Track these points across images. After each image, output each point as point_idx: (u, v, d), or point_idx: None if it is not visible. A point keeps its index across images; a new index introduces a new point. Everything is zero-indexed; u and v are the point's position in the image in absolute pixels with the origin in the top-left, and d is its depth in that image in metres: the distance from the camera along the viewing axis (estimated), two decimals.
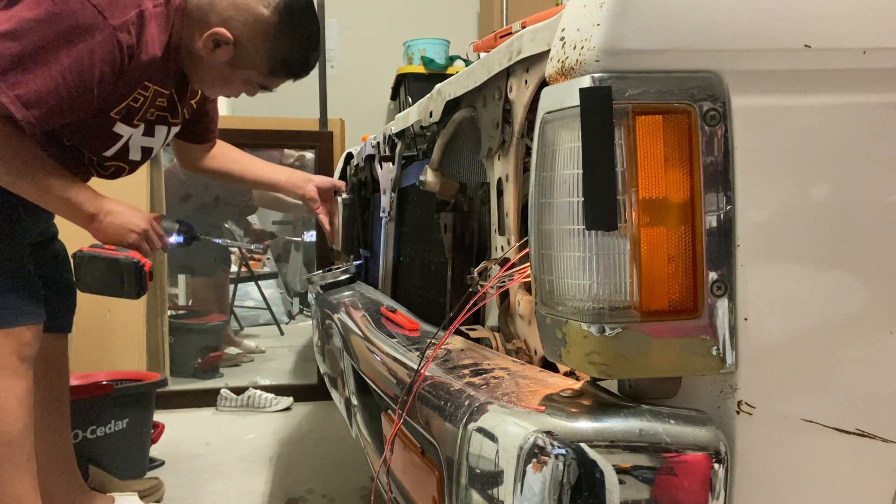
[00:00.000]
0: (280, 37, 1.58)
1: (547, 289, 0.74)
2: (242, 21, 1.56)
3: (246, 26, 1.57)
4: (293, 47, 1.61)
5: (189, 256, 4.01)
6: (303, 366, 3.93)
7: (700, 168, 0.68)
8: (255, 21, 1.56)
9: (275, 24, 1.57)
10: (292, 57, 1.63)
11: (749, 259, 0.70)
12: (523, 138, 0.99)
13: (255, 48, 1.59)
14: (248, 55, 1.60)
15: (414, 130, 1.44)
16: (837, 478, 0.75)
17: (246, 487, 2.34)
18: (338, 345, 1.65)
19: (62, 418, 1.98)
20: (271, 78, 1.66)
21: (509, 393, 0.77)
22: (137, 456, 2.38)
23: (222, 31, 1.56)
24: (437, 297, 1.41)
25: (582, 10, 0.70)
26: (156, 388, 2.47)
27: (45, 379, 1.91)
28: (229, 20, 1.56)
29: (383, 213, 1.83)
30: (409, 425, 0.96)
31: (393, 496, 1.11)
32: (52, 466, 1.94)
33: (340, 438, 2.75)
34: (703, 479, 0.68)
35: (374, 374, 1.21)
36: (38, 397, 1.90)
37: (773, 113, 0.71)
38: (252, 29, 1.57)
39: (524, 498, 0.67)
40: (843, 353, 0.73)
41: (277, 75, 1.66)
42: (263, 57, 1.60)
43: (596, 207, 0.66)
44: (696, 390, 0.72)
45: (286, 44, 1.60)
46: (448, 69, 3.85)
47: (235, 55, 1.59)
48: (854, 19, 0.71)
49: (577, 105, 0.67)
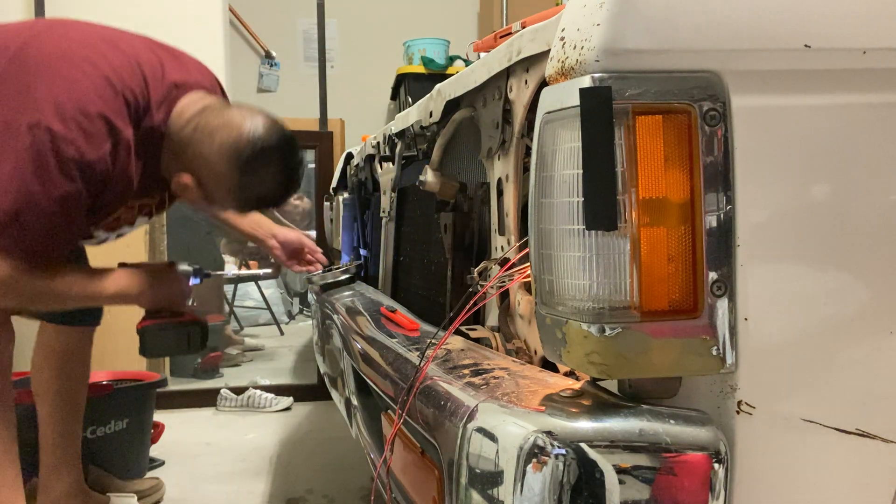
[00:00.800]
0: (244, 187, 1.53)
1: (547, 289, 0.74)
2: (206, 173, 1.53)
3: (210, 178, 1.54)
4: (261, 192, 1.56)
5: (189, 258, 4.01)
6: (303, 366, 3.93)
7: (700, 168, 0.68)
8: (218, 176, 1.52)
9: (237, 178, 1.51)
10: (262, 198, 1.59)
11: (749, 259, 0.70)
12: (523, 138, 0.99)
13: (222, 196, 1.56)
14: (218, 199, 1.58)
15: (414, 130, 1.44)
16: (837, 478, 0.75)
17: (246, 487, 2.33)
18: (338, 345, 1.65)
19: (72, 416, 1.98)
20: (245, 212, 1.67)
21: (509, 393, 0.77)
22: (137, 456, 2.38)
23: (188, 182, 1.54)
24: (437, 297, 1.41)
25: (582, 10, 0.70)
26: (156, 388, 2.47)
27: (62, 371, 1.94)
28: (196, 168, 1.54)
29: (383, 213, 1.83)
30: (409, 425, 0.96)
31: (393, 496, 1.11)
32: (55, 463, 1.95)
33: (340, 438, 2.75)
34: (703, 479, 0.68)
35: (374, 374, 1.21)
36: (52, 389, 1.92)
37: (773, 113, 0.70)
38: (216, 182, 1.54)
39: (524, 498, 0.67)
40: (843, 353, 0.73)
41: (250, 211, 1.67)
42: (232, 202, 1.58)
43: (596, 207, 0.66)
44: (696, 390, 0.72)
45: (253, 191, 1.55)
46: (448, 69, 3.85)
47: (206, 196, 1.57)
48: (854, 19, 0.71)
49: (577, 105, 0.67)
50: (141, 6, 3.26)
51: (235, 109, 1.56)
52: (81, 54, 1.48)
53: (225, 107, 1.57)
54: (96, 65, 1.47)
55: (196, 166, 1.54)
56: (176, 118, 1.54)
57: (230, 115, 1.53)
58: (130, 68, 1.51)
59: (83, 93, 1.42)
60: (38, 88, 1.41)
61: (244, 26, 4.38)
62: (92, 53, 1.49)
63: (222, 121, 1.52)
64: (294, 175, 1.59)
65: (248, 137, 1.50)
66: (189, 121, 1.53)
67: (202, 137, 1.51)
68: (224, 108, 1.56)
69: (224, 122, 1.52)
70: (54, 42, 1.50)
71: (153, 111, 1.52)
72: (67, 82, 1.43)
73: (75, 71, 1.44)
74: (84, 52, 1.49)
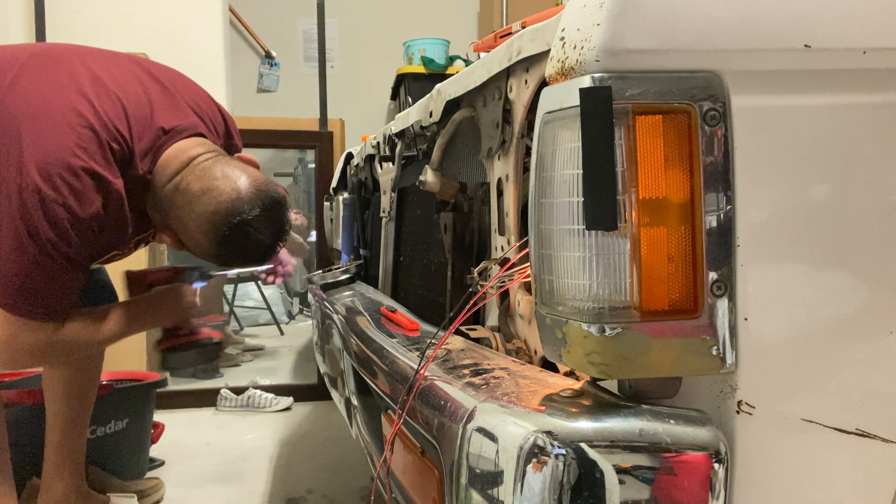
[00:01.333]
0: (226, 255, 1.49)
1: (547, 289, 0.74)
2: (186, 238, 1.51)
3: (191, 243, 1.51)
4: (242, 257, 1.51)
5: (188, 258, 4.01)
6: (303, 366, 3.93)
7: (700, 168, 0.68)
8: (197, 244, 1.49)
9: (216, 249, 1.47)
10: (245, 261, 1.54)
11: (749, 259, 0.70)
12: (523, 138, 0.99)
13: (204, 257, 1.54)
14: (200, 257, 1.55)
15: (414, 130, 1.44)
16: (837, 478, 0.75)
17: (246, 487, 2.34)
18: (338, 345, 1.65)
19: (79, 416, 1.98)
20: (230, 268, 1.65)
21: (509, 393, 0.77)
22: (137, 456, 2.38)
23: (168, 241, 1.54)
24: (437, 297, 1.41)
25: (582, 10, 0.70)
26: (156, 388, 2.47)
27: (68, 373, 1.94)
28: (177, 231, 1.51)
29: (383, 213, 1.83)
30: (409, 425, 0.96)
31: (393, 496, 1.11)
32: (58, 463, 1.95)
33: (340, 439, 2.75)
34: (703, 479, 0.68)
35: (374, 374, 1.21)
36: (59, 390, 1.93)
37: (773, 113, 0.71)
38: (196, 248, 1.51)
39: (524, 498, 0.67)
40: (843, 353, 0.73)
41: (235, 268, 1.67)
42: (215, 262, 1.55)
43: (596, 207, 0.66)
44: (696, 390, 0.72)
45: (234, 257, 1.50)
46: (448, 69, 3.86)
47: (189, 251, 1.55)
48: (854, 19, 0.71)
49: (577, 105, 0.67)
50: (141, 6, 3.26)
51: (219, 170, 1.48)
52: (67, 102, 1.44)
53: (209, 165, 1.49)
54: (81, 114, 1.42)
55: (176, 228, 1.50)
56: (160, 171, 1.49)
57: (211, 180, 1.46)
58: (117, 115, 1.46)
59: (68, 149, 1.39)
60: (25, 146, 1.38)
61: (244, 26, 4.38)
62: (77, 99, 1.44)
63: (202, 187, 1.45)
64: (276, 240, 1.53)
65: (226, 211, 1.43)
66: (171, 177, 1.48)
67: (181, 203, 1.46)
68: (207, 168, 1.48)
69: (204, 188, 1.45)
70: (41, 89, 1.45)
71: (137, 161, 1.48)
72: (53, 137, 1.39)
73: (60, 124, 1.40)
74: (69, 99, 1.44)
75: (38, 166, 1.37)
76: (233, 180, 1.46)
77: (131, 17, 3.19)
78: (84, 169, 1.39)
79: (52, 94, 1.45)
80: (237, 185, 1.45)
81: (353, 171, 2.33)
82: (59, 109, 1.42)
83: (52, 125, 1.40)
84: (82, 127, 1.41)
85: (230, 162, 1.52)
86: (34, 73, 1.48)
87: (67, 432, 1.95)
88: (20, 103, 1.43)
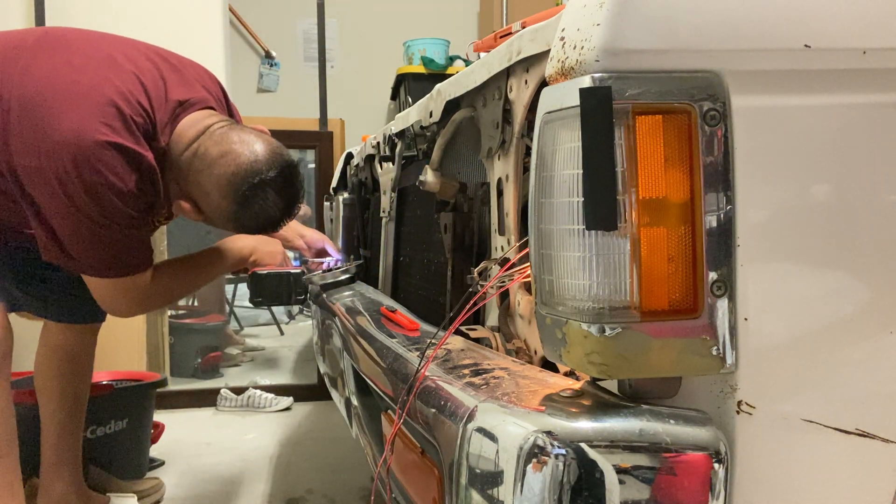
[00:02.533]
0: (243, 218, 1.54)
1: (547, 289, 0.74)
2: (205, 203, 1.54)
3: (209, 208, 1.55)
4: (259, 221, 1.56)
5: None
6: (303, 366, 3.93)
7: (700, 168, 0.68)
8: (216, 207, 1.53)
9: (235, 212, 1.52)
10: (261, 226, 1.59)
11: (749, 259, 0.70)
12: (523, 138, 0.99)
13: (221, 222, 1.58)
14: (218, 223, 1.59)
15: (414, 130, 1.44)
16: (837, 478, 0.75)
17: (246, 487, 2.34)
18: (338, 345, 1.65)
19: (75, 415, 1.99)
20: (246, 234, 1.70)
21: (509, 393, 0.77)
22: (137, 456, 2.38)
23: (187, 207, 1.56)
24: (437, 297, 1.41)
25: (582, 10, 0.70)
26: (156, 388, 2.47)
27: (66, 369, 1.95)
28: (195, 196, 1.55)
29: (383, 213, 1.83)
30: (409, 425, 0.96)
31: (393, 496, 1.11)
32: (56, 463, 1.95)
33: (340, 439, 2.75)
34: (703, 479, 0.68)
35: (374, 374, 1.21)
36: (56, 387, 1.93)
37: (773, 113, 0.70)
38: (215, 211, 1.55)
39: (524, 498, 0.67)
40: (843, 353, 0.73)
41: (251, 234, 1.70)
42: (232, 228, 1.60)
43: (596, 207, 0.66)
44: (696, 390, 0.72)
45: (251, 221, 1.55)
46: (448, 69, 3.85)
47: (206, 219, 1.59)
48: (854, 19, 0.71)
49: (577, 105, 0.67)
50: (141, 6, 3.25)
51: (235, 135, 1.52)
52: (85, 82, 1.47)
53: (225, 132, 1.53)
54: (102, 92, 1.46)
55: (195, 193, 1.54)
56: (177, 140, 1.53)
57: (229, 144, 1.50)
58: (136, 90, 1.50)
59: (96, 128, 1.42)
60: (53, 133, 1.42)
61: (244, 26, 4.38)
62: (96, 78, 1.48)
63: (220, 150, 1.50)
64: (292, 202, 1.58)
65: (245, 171, 1.48)
66: (189, 145, 1.52)
67: (201, 167, 1.50)
68: (224, 133, 1.53)
69: (222, 151, 1.50)
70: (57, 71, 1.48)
71: (159, 134, 1.52)
72: (79, 117, 1.42)
73: (82, 106, 1.43)
74: (87, 79, 1.47)
75: (70, 151, 1.41)
76: (250, 144, 1.51)
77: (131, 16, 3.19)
78: (113, 144, 1.43)
79: (71, 75, 1.48)
80: (254, 148, 1.50)
81: (353, 171, 2.33)
82: (80, 90, 1.45)
83: (76, 106, 1.43)
84: (106, 104, 1.45)
85: (245, 129, 1.57)
86: (47, 57, 1.51)
87: (63, 432, 1.95)
88: (39, 87, 1.46)
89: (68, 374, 1.96)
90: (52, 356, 1.95)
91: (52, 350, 1.95)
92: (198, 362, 3.70)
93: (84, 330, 1.99)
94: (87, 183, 1.41)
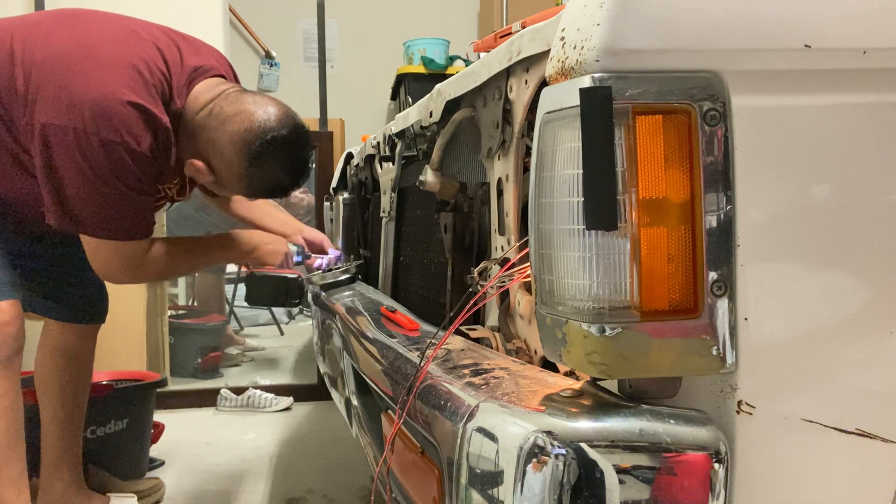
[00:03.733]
0: (254, 177, 1.58)
1: (547, 289, 0.74)
2: (218, 160, 1.58)
3: (221, 165, 1.58)
4: (270, 182, 1.60)
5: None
6: (303, 366, 3.93)
7: (700, 168, 0.68)
8: (229, 164, 1.56)
9: (247, 168, 1.56)
10: (272, 188, 1.63)
11: (749, 259, 0.70)
12: (523, 138, 0.99)
13: (232, 183, 1.61)
14: (229, 185, 1.63)
15: (414, 130, 1.44)
16: (837, 478, 0.75)
17: (246, 487, 2.34)
18: (338, 345, 1.65)
19: (75, 415, 1.99)
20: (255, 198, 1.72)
21: (509, 393, 0.77)
22: (137, 456, 2.38)
23: (200, 165, 1.59)
24: (437, 297, 1.41)
25: (582, 10, 0.70)
26: (156, 388, 2.47)
27: (66, 369, 1.96)
28: (208, 154, 1.58)
29: (383, 213, 1.83)
30: (409, 425, 0.96)
31: (393, 496, 1.11)
32: (56, 462, 1.95)
33: (340, 438, 2.75)
34: (703, 479, 0.68)
35: (374, 374, 1.21)
36: (56, 387, 1.94)
37: (773, 113, 0.70)
38: (227, 169, 1.58)
39: (524, 498, 0.67)
40: (843, 353, 0.73)
41: (260, 198, 1.72)
42: (242, 189, 1.63)
43: (596, 207, 0.66)
44: (696, 390, 0.72)
45: (262, 181, 1.59)
46: (448, 69, 3.85)
47: (217, 181, 1.62)
48: (854, 19, 0.71)
49: (577, 105, 0.67)
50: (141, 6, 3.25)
51: (249, 97, 1.57)
52: (106, 48, 1.52)
53: (239, 94, 1.58)
54: (123, 56, 1.51)
55: (208, 152, 1.57)
56: (192, 102, 1.58)
57: (243, 104, 1.55)
58: (154, 56, 1.55)
59: (118, 88, 1.47)
60: (75, 91, 1.46)
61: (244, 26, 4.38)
62: (115, 45, 1.54)
63: (235, 109, 1.54)
64: (303, 166, 1.63)
65: (259, 128, 1.52)
66: (204, 105, 1.57)
67: (215, 124, 1.55)
68: (238, 95, 1.58)
69: (237, 110, 1.54)
70: (77, 38, 1.54)
71: (175, 98, 1.57)
72: (101, 78, 1.47)
73: (106, 66, 1.49)
74: (108, 46, 1.53)
75: (92, 107, 1.45)
76: (264, 105, 1.56)
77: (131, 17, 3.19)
78: (134, 104, 1.48)
79: (93, 42, 1.53)
80: (268, 108, 1.56)
81: (353, 171, 2.33)
82: (103, 54, 1.51)
83: (100, 67, 1.49)
84: (128, 68, 1.50)
85: (257, 93, 1.62)
86: (68, 27, 1.57)
87: (63, 432, 1.96)
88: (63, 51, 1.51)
89: (68, 375, 1.96)
90: (53, 356, 1.96)
91: (52, 350, 1.96)
92: (198, 362, 3.70)
93: (84, 330, 2.00)
94: (103, 139, 1.45)
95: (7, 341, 1.59)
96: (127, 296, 2.95)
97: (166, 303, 3.38)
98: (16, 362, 1.62)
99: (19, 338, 1.63)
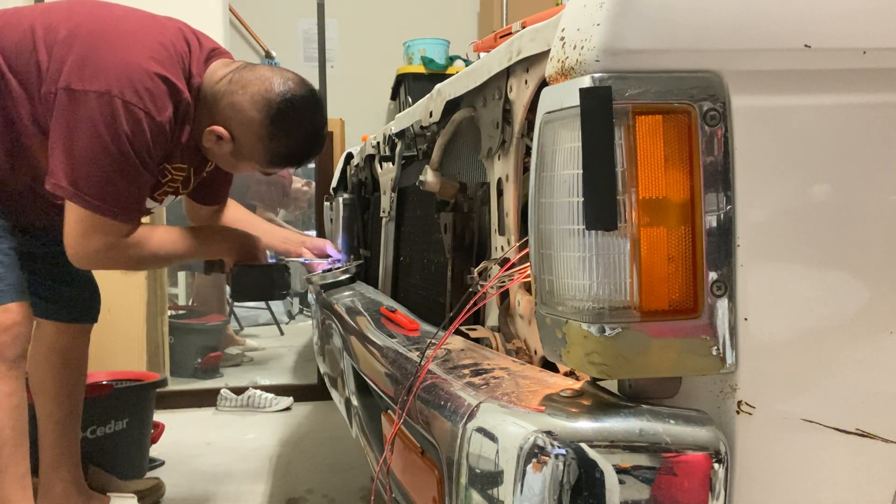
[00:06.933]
0: (275, 138, 1.62)
1: (547, 289, 0.74)
2: (238, 122, 1.61)
3: (242, 127, 1.62)
4: (290, 145, 1.65)
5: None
6: (303, 366, 3.93)
7: (700, 168, 0.68)
8: (250, 124, 1.60)
9: (268, 127, 1.60)
10: (290, 152, 1.67)
11: (749, 259, 0.70)
12: (523, 138, 0.99)
13: (252, 146, 1.64)
14: (248, 151, 1.65)
15: (414, 130, 1.44)
16: (837, 478, 0.75)
17: (246, 487, 2.34)
18: (338, 345, 1.65)
19: (72, 414, 1.99)
20: (272, 168, 1.73)
21: (509, 393, 0.77)
22: (137, 456, 2.38)
23: (220, 130, 1.62)
24: (437, 297, 1.41)
25: (582, 10, 0.70)
26: (156, 388, 2.47)
27: (61, 369, 1.96)
28: (228, 119, 1.62)
29: (383, 213, 1.83)
30: (409, 425, 0.96)
31: (393, 496, 1.11)
32: (54, 462, 1.95)
33: (340, 438, 2.75)
34: (703, 479, 0.68)
35: (374, 374, 1.21)
36: (52, 387, 1.94)
37: (773, 113, 0.71)
38: (248, 131, 1.62)
39: (524, 498, 0.67)
40: (843, 353, 0.73)
41: (278, 167, 1.73)
42: (261, 154, 1.66)
43: (596, 207, 0.66)
44: (696, 390, 0.72)
45: (282, 143, 1.64)
46: (448, 69, 3.85)
47: (235, 149, 1.65)
48: (854, 19, 0.71)
49: (577, 105, 0.67)
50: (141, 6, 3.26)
51: (265, 68, 1.65)
52: (131, 25, 1.59)
53: (256, 66, 1.66)
54: (148, 32, 1.58)
55: (227, 116, 1.62)
56: (209, 76, 1.64)
57: (263, 71, 1.63)
58: (175, 34, 1.61)
59: (144, 59, 1.52)
60: (100, 58, 1.51)
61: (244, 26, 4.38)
62: (140, 23, 1.60)
63: (256, 75, 1.61)
64: (320, 131, 1.69)
65: (280, 89, 1.59)
66: (222, 77, 1.63)
67: (235, 88, 1.60)
68: (256, 66, 1.66)
69: (258, 76, 1.61)
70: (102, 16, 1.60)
71: (195, 74, 1.62)
72: (126, 50, 1.52)
73: (130, 38, 1.55)
74: (132, 23, 1.60)
75: (116, 72, 1.49)
76: (281, 72, 1.65)
77: None
78: (159, 76, 1.53)
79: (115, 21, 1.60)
80: (286, 74, 1.65)
81: (353, 171, 2.33)
82: (128, 30, 1.58)
83: (125, 40, 1.55)
84: (153, 41, 1.56)
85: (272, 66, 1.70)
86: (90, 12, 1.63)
87: (61, 432, 1.96)
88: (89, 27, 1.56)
89: (64, 374, 1.96)
90: (47, 356, 1.96)
91: (46, 350, 1.96)
92: (198, 362, 3.70)
93: (78, 330, 2.00)
94: (126, 102, 1.48)
95: (16, 342, 1.59)
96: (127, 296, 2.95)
97: (166, 303, 3.38)
98: (22, 363, 1.63)
99: (27, 339, 1.64)
